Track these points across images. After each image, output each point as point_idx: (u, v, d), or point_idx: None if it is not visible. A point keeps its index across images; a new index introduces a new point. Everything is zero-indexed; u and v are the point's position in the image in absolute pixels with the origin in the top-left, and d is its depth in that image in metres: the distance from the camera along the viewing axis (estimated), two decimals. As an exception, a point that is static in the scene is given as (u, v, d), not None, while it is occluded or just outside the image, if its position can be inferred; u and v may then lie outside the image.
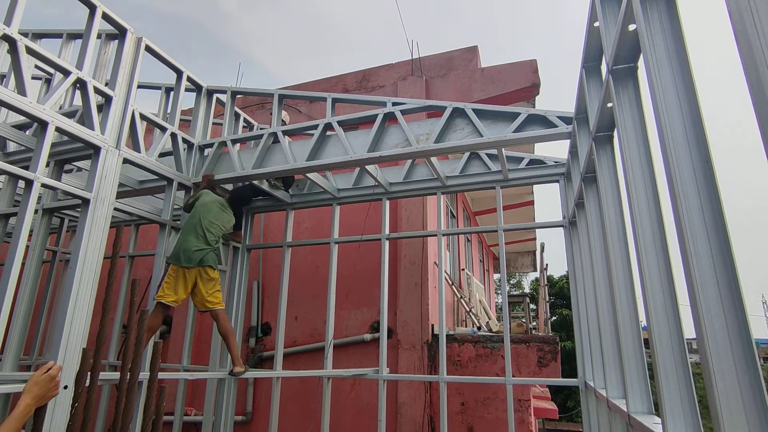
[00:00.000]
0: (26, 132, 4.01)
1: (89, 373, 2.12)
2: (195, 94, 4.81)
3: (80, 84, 3.40)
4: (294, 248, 5.65)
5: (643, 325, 2.08)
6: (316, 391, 5.40)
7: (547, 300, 13.36)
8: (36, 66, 4.70)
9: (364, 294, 5.82)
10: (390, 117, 4.07)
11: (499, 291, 20.14)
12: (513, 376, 4.32)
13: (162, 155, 4.28)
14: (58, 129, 3.15)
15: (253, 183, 4.77)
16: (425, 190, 4.96)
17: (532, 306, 19.48)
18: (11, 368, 3.30)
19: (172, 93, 4.58)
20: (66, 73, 3.30)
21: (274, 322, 5.59)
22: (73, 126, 3.25)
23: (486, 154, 4.75)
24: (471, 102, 4.98)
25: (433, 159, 4.36)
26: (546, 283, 13.28)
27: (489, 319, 8.37)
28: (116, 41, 3.84)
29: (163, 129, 4.24)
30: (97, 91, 3.50)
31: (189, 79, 4.59)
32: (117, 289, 5.41)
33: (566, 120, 3.51)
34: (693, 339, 1.40)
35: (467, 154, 4.87)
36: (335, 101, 4.36)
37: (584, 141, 3.15)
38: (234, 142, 4.61)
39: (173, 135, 4.34)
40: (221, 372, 4.46)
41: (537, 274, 18.79)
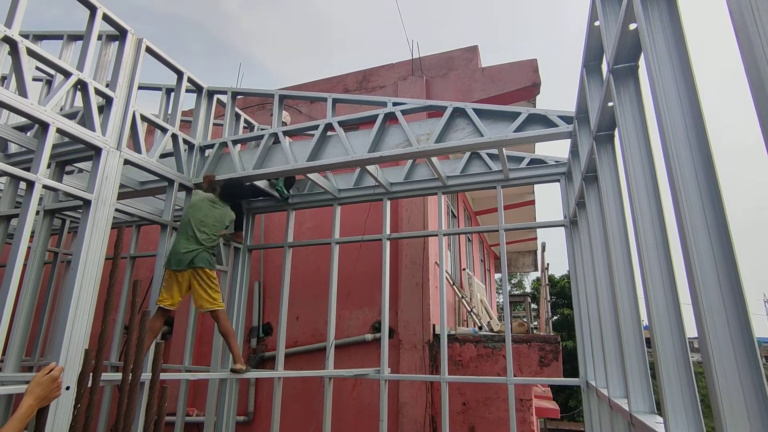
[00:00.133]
0: (27, 133, 4.01)
1: (91, 374, 2.12)
2: (195, 95, 4.82)
3: (81, 85, 3.41)
4: (295, 249, 5.65)
5: (645, 324, 2.08)
6: (318, 392, 5.40)
7: (549, 299, 13.34)
8: (37, 67, 4.71)
9: (365, 294, 5.82)
10: (390, 117, 4.07)
11: (500, 291, 20.13)
12: (514, 376, 4.32)
13: (163, 156, 4.29)
14: (59, 130, 3.16)
15: (254, 183, 4.78)
16: (426, 190, 4.96)
17: (534, 306, 19.45)
18: (13, 369, 3.31)
19: (173, 94, 4.59)
20: (67, 75, 3.31)
21: (276, 323, 5.59)
22: (74, 127, 3.26)
23: (487, 154, 4.74)
24: (471, 102, 4.98)
25: (434, 159, 4.36)
26: (547, 283, 13.27)
27: (490, 319, 8.36)
28: (117, 42, 3.85)
29: (164, 130, 4.24)
30: (98, 93, 3.50)
31: (189, 80, 4.59)
32: (118, 290, 5.41)
33: (567, 119, 3.51)
34: (694, 338, 1.40)
35: (468, 154, 4.87)
36: (336, 101, 4.36)
37: (585, 140, 3.15)
38: (235, 143, 4.61)
39: (174, 136, 4.34)
40: (223, 372, 4.46)
41: (538, 274, 18.79)
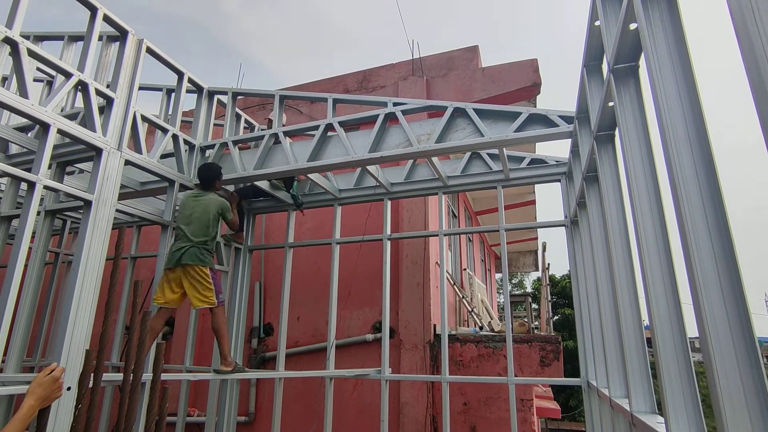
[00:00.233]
0: (28, 134, 4.01)
1: (92, 375, 2.13)
2: (196, 96, 4.82)
3: (82, 86, 3.41)
4: (296, 249, 5.65)
5: (646, 324, 2.07)
6: (319, 392, 5.40)
7: (549, 299, 13.34)
8: (38, 68, 4.71)
9: (366, 294, 5.82)
10: (391, 117, 4.07)
11: (501, 291, 20.12)
12: (515, 376, 4.32)
13: (163, 156, 4.29)
14: (60, 131, 3.16)
15: (255, 183, 4.78)
16: (426, 190, 4.96)
17: (534, 305, 19.45)
18: (14, 370, 3.32)
19: (174, 94, 4.59)
20: (67, 76, 3.31)
21: (276, 323, 5.59)
22: (75, 128, 3.26)
23: (487, 154, 4.74)
24: (472, 102, 4.98)
25: (435, 159, 4.36)
26: (548, 283, 13.27)
27: (491, 319, 8.36)
28: (117, 43, 3.85)
29: (165, 130, 4.24)
30: (99, 93, 3.51)
31: (190, 81, 4.60)
32: (119, 291, 5.41)
33: (567, 119, 3.51)
34: (695, 338, 1.39)
35: (468, 154, 4.87)
36: (336, 102, 4.36)
37: (585, 140, 3.15)
38: (235, 143, 4.62)
39: (175, 136, 4.34)
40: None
41: (539, 274, 18.78)
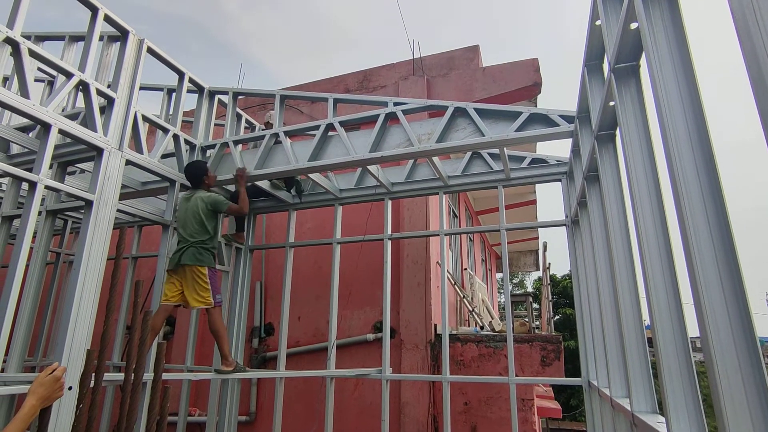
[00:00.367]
0: (29, 134, 4.02)
1: (93, 374, 2.13)
2: (197, 96, 4.82)
3: (83, 86, 3.42)
4: (296, 249, 5.65)
5: (647, 324, 2.07)
6: (320, 392, 5.41)
7: (550, 299, 13.34)
8: (39, 69, 4.72)
9: (367, 294, 5.82)
10: (392, 117, 4.07)
11: (502, 290, 20.12)
12: (516, 376, 4.32)
13: (164, 156, 4.29)
14: (61, 131, 3.16)
15: (255, 183, 4.78)
16: (427, 190, 4.96)
17: (535, 305, 19.44)
18: (16, 370, 3.32)
19: (174, 94, 4.60)
20: (68, 76, 3.31)
21: (277, 323, 5.59)
22: (76, 128, 3.27)
23: (488, 154, 4.74)
24: (472, 101, 4.97)
25: (435, 159, 4.35)
26: (549, 283, 13.27)
27: (492, 319, 8.36)
28: (118, 43, 3.85)
29: (166, 130, 4.25)
30: (100, 93, 3.51)
31: (191, 81, 4.60)
32: (120, 291, 5.42)
33: (568, 119, 3.50)
34: (697, 337, 1.39)
35: (469, 154, 4.87)
36: (337, 101, 4.36)
37: (586, 140, 3.15)
38: (236, 143, 4.62)
39: (175, 136, 4.35)
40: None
41: (540, 273, 18.78)
